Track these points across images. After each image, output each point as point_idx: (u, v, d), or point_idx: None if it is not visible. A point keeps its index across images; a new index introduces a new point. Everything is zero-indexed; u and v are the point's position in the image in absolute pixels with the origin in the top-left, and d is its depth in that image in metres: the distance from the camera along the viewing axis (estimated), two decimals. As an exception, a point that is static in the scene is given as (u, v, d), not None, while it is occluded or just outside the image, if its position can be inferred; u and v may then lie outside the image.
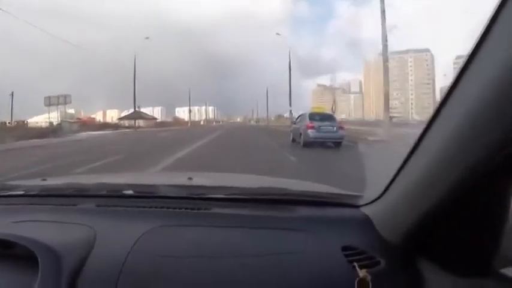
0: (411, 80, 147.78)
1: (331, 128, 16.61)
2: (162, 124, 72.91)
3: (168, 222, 1.26)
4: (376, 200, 1.20)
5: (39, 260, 1.05)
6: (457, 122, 0.75)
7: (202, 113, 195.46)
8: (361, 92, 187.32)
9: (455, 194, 0.81)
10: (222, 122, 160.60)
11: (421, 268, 1.01)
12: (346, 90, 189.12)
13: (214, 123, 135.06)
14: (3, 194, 1.61)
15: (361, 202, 1.30)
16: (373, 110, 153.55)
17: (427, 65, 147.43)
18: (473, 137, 0.72)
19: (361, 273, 0.98)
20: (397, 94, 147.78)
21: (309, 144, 15.95)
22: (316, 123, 16.59)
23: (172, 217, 1.30)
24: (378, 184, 1.16)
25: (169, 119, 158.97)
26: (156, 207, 1.37)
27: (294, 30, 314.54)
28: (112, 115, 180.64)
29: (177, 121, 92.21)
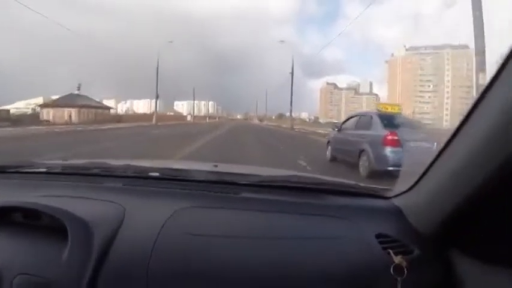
0: (447, 81, 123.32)
1: (428, 145, 7.35)
2: (119, 118, 50.22)
3: (198, 203, 1.24)
4: (406, 191, 1.22)
5: (68, 230, 1.04)
6: (494, 116, 0.76)
7: (201, 108, 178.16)
8: (371, 93, 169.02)
9: (487, 187, 0.82)
10: (219, 118, 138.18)
11: (453, 258, 1.02)
12: (357, 91, 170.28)
13: (207, 119, 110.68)
14: (25, 170, 1.63)
15: (391, 194, 1.32)
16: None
17: (467, 64, 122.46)
18: (509, 131, 0.73)
19: (397, 259, 1.01)
20: (430, 97, 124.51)
21: (382, 173, 8.01)
22: (401, 135, 8.46)
23: (202, 199, 1.29)
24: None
25: (170, 113, 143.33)
26: (184, 189, 1.36)
27: (300, 29, 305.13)
28: (110, 105, 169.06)
29: (145, 116, 68.34)
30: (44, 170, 1.61)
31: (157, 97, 45.94)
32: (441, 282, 1.03)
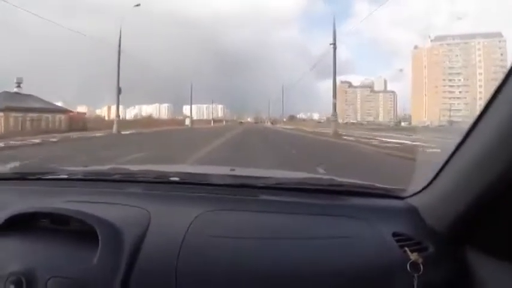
0: (480, 73, 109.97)
1: None
2: (82, 126, 39.08)
3: (219, 207, 1.28)
4: (420, 191, 1.26)
5: (99, 234, 1.08)
6: (506, 116, 0.78)
7: (210, 111, 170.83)
8: (387, 90, 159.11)
9: (501, 185, 0.85)
10: (226, 121, 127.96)
11: (467, 255, 1.05)
12: (373, 89, 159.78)
13: (212, 123, 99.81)
14: (48, 177, 1.64)
15: (406, 194, 1.36)
16: (426, 112, 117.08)
17: (501, 54, 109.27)
18: None
19: (413, 256, 1.04)
20: (460, 92, 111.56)
21: None
22: None
23: (222, 202, 1.32)
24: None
25: (180, 117, 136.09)
26: (205, 193, 1.40)
27: (308, 28, 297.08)
28: (119, 111, 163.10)
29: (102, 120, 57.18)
30: (65, 176, 1.64)
31: (119, 92, 32.54)
32: (456, 279, 1.05)
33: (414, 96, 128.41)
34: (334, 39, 31.28)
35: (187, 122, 71.71)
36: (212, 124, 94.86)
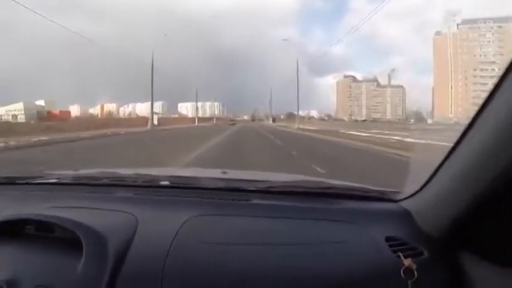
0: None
1: None
2: None
3: (209, 211, 1.27)
4: (414, 194, 1.24)
5: (83, 242, 1.05)
6: (501, 118, 0.78)
7: (206, 109, 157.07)
8: (394, 85, 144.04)
9: (495, 189, 0.83)
10: (217, 119, 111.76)
11: (462, 259, 1.04)
12: (379, 83, 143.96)
13: (196, 122, 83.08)
14: (36, 181, 1.65)
15: (399, 197, 1.34)
16: (453, 107, 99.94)
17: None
18: None
19: (407, 262, 1.01)
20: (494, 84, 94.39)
21: None
22: None
23: (213, 207, 1.31)
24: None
25: (174, 115, 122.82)
26: (195, 197, 1.39)
27: (304, 26, 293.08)
28: (110, 109, 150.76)
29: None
30: (54, 180, 1.64)
31: None
32: (451, 284, 1.03)
33: (437, 89, 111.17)
34: None
35: (152, 121, 47.70)
36: (196, 123, 78.19)
